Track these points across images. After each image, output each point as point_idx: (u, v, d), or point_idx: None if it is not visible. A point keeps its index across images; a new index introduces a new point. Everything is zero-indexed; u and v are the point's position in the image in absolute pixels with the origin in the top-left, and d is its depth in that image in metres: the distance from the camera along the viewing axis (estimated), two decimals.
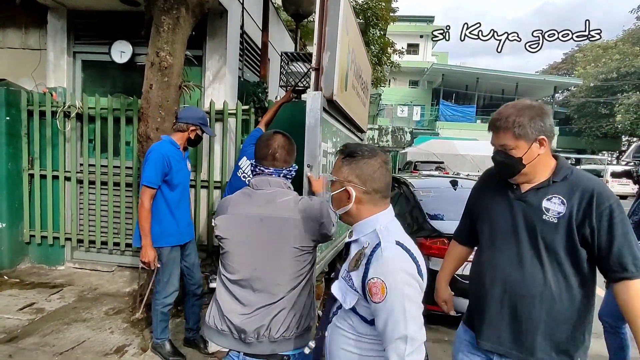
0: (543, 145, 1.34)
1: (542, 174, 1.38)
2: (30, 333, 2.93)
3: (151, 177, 2.45)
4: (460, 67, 26.93)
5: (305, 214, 1.47)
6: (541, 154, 1.34)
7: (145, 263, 2.48)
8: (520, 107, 1.35)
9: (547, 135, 1.33)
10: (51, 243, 4.23)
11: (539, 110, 1.34)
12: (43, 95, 4.07)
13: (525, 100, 1.40)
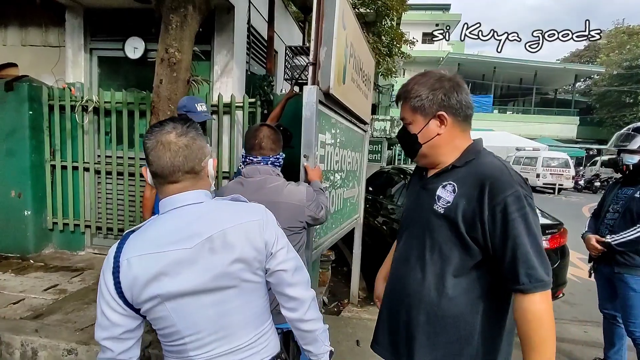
0: (443, 123, 1.13)
1: (448, 158, 1.16)
2: (54, 311, 3.18)
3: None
4: (477, 57, 26.45)
5: (291, 198, 1.62)
6: (441, 133, 1.13)
7: None
8: (426, 77, 1.16)
9: (450, 112, 1.12)
10: (72, 230, 4.50)
11: (446, 83, 1.13)
12: (62, 91, 4.30)
13: (440, 70, 1.18)
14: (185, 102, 2.85)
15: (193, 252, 0.95)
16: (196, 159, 1.02)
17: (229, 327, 1.02)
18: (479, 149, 1.16)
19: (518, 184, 1.03)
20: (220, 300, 0.99)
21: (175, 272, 0.95)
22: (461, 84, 1.15)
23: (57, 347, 2.73)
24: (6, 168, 4.24)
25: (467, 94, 1.15)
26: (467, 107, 1.15)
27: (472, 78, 27.56)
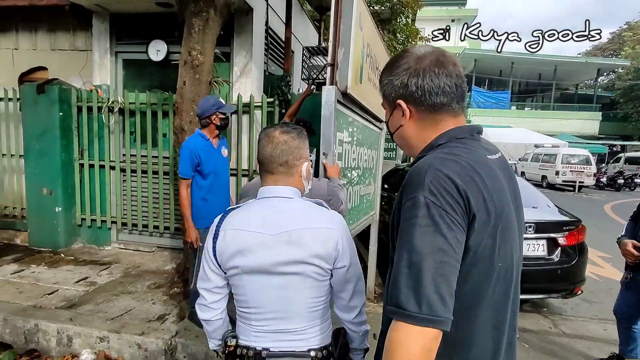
0: (404, 114, 0.96)
1: (418, 152, 1.00)
2: (86, 302, 3.37)
3: (183, 169, 2.84)
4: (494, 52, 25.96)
5: (314, 193, 1.71)
6: (403, 124, 0.98)
7: (190, 242, 2.83)
8: (393, 59, 1.00)
9: (409, 100, 0.95)
10: (99, 226, 4.71)
11: (412, 65, 0.94)
12: (90, 93, 4.50)
13: (425, 47, 0.99)
14: (213, 101, 2.97)
15: (272, 239, 1.14)
16: (291, 155, 1.21)
17: (287, 310, 1.18)
18: (438, 142, 0.94)
19: (426, 189, 0.81)
20: (284, 286, 1.16)
21: (254, 251, 1.15)
22: (431, 65, 0.92)
23: (91, 334, 2.90)
24: (39, 167, 4.47)
25: (437, 77, 0.91)
26: (434, 93, 0.92)
27: (489, 74, 27.11)
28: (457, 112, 0.96)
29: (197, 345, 2.79)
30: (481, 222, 0.82)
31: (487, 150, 0.94)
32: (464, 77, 0.96)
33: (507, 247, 0.87)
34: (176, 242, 4.60)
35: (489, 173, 0.86)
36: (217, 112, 2.95)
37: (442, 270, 0.77)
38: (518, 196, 0.98)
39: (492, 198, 0.84)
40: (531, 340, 3.29)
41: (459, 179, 0.81)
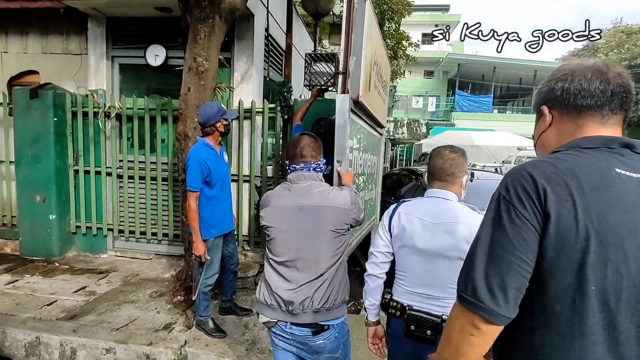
0: (546, 119, 1.00)
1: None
2: (88, 312, 3.29)
3: (192, 182, 2.77)
4: (477, 57, 26.59)
5: (337, 202, 1.73)
6: (544, 130, 1.00)
7: (198, 256, 2.78)
8: (557, 68, 1.04)
9: (553, 104, 0.97)
10: (95, 233, 4.61)
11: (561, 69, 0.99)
12: (85, 97, 4.41)
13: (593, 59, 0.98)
14: (217, 107, 2.94)
15: (432, 226, 1.58)
16: (457, 169, 1.63)
17: (432, 281, 1.59)
18: (557, 149, 0.93)
19: (503, 186, 0.86)
20: (434, 263, 1.58)
21: (419, 233, 1.60)
22: (586, 71, 0.91)
23: (96, 346, 2.84)
24: (32, 174, 4.35)
25: (589, 81, 0.90)
26: (580, 96, 0.91)
27: (472, 78, 27.69)
28: (608, 120, 0.90)
29: (207, 354, 2.77)
30: (562, 228, 0.77)
31: (630, 167, 0.82)
32: (629, 88, 0.90)
33: (609, 273, 0.76)
34: (174, 249, 4.54)
35: (602, 184, 0.79)
36: (221, 119, 2.93)
37: (496, 262, 0.80)
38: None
39: (589, 209, 0.76)
40: None
41: (542, 177, 0.80)
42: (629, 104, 0.90)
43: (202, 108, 2.93)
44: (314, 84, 3.85)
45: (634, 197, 0.78)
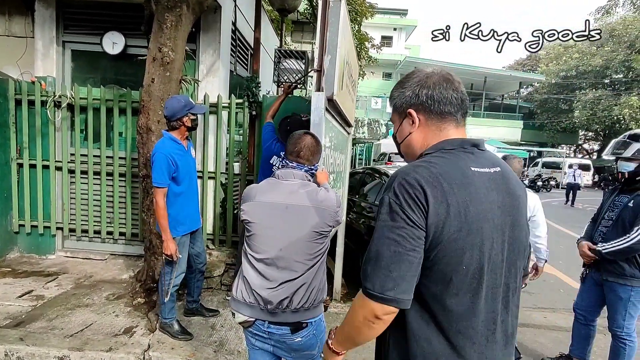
0: (413, 122, 1.07)
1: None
2: (36, 318, 3.03)
3: (159, 178, 2.63)
4: (432, 61, 27.68)
5: (325, 203, 1.72)
6: (412, 132, 1.08)
7: (168, 255, 2.65)
8: (408, 74, 1.13)
9: (419, 109, 1.06)
10: (41, 232, 4.25)
11: (417, 76, 1.08)
12: (32, 85, 4.04)
13: (432, 68, 1.11)
14: (184, 101, 2.81)
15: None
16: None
17: None
18: (426, 152, 1.05)
19: (391, 191, 0.95)
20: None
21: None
22: (440, 80, 1.05)
23: (47, 355, 2.62)
24: None
25: (445, 90, 1.04)
26: (442, 103, 1.04)
27: None
28: (460, 123, 1.07)
29: (173, 358, 2.66)
30: (442, 224, 0.91)
31: (479, 164, 1.01)
32: (466, 95, 1.09)
33: (474, 254, 0.94)
34: (132, 249, 4.30)
35: (464, 182, 0.95)
36: (188, 113, 2.81)
37: (395, 258, 0.92)
38: (514, 212, 1.03)
39: (459, 204, 0.92)
40: None
41: (423, 181, 0.93)
42: (468, 108, 1.10)
43: (169, 101, 2.79)
44: (284, 81, 3.82)
45: (484, 189, 0.98)
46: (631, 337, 2.55)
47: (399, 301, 0.93)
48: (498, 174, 1.02)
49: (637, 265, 2.43)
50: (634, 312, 2.51)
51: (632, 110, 22.30)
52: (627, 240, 2.37)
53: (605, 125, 25.27)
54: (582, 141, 33.16)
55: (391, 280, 0.92)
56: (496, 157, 1.09)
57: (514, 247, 1.03)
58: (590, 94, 25.76)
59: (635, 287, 2.45)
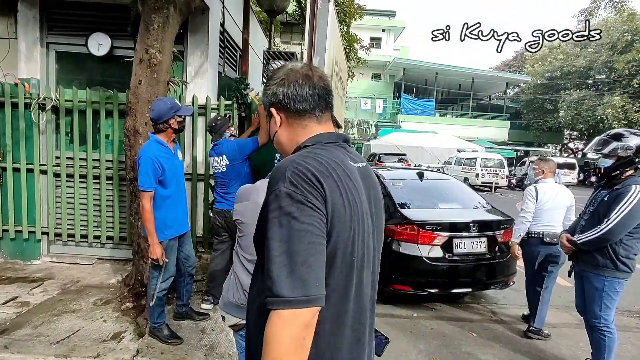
0: (276, 120, 1.06)
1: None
2: (21, 325, 2.97)
3: (145, 181, 2.61)
4: (420, 62, 27.93)
5: None
6: (277, 130, 1.08)
7: (155, 259, 2.62)
8: (275, 70, 1.11)
9: (279, 107, 1.04)
10: (26, 237, 4.16)
11: (278, 74, 1.06)
12: (15, 87, 3.96)
13: (300, 63, 1.10)
14: (171, 103, 2.78)
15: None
16: None
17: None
18: (305, 144, 1.02)
19: (287, 181, 0.86)
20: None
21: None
22: (297, 78, 1.02)
23: None
24: None
25: (301, 87, 1.01)
26: (297, 100, 1.01)
27: (416, 83, 29.08)
28: (321, 119, 1.05)
29: None
30: (337, 213, 0.89)
31: (351, 158, 1.03)
32: (329, 90, 1.06)
33: (359, 244, 0.95)
34: (120, 253, 4.24)
35: (347, 173, 0.95)
36: (175, 115, 2.79)
37: (312, 250, 0.83)
38: (378, 204, 1.08)
39: (347, 194, 0.92)
40: (477, 329, 3.63)
41: (316, 171, 0.89)
42: (331, 102, 1.08)
43: (155, 103, 2.76)
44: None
45: (360, 181, 1.01)
46: (609, 328, 2.63)
47: (323, 298, 0.83)
48: (365, 169, 1.07)
49: (609, 256, 2.55)
50: (610, 302, 2.61)
51: (614, 110, 22.79)
52: (598, 231, 2.52)
53: (590, 124, 25.76)
54: (568, 140, 33.77)
55: (314, 275, 0.82)
56: (359, 154, 1.16)
57: (379, 236, 1.10)
58: (574, 94, 26.24)
59: (609, 277, 2.57)
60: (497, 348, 3.26)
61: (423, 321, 3.70)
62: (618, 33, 23.41)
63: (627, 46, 23.04)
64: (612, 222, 2.46)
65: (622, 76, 23.27)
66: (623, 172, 2.55)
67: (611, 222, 2.47)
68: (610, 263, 2.55)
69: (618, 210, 2.46)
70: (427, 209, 4.30)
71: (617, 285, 2.58)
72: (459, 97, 32.16)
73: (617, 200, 2.50)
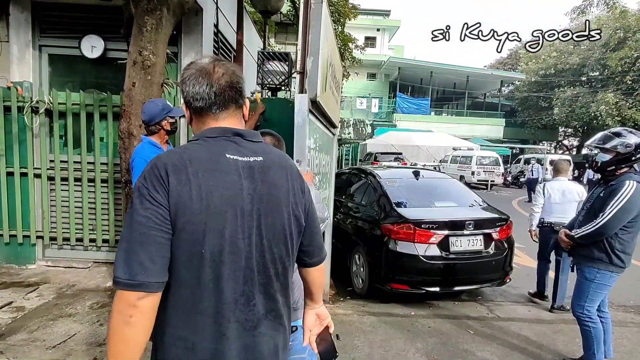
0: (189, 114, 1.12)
1: None
2: (16, 330, 2.94)
3: None
4: (415, 61, 28.00)
5: None
6: (191, 125, 1.14)
7: None
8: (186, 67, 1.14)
9: (187, 104, 1.09)
10: (20, 242, 4.13)
11: (186, 71, 1.09)
12: (7, 90, 3.93)
13: (205, 59, 1.10)
14: (162, 104, 2.76)
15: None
16: None
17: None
18: (191, 139, 1.08)
19: (142, 175, 0.97)
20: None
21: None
22: (196, 75, 1.05)
23: None
24: None
25: (199, 85, 1.03)
26: (195, 99, 1.05)
27: (411, 82, 29.16)
28: (219, 116, 1.07)
29: None
30: (183, 206, 0.94)
31: (240, 152, 1.04)
32: (233, 85, 1.06)
33: (215, 238, 0.97)
34: None
35: (213, 167, 0.98)
36: (167, 117, 2.77)
37: (142, 239, 0.91)
38: (270, 201, 1.05)
39: (201, 188, 0.95)
40: (474, 326, 3.65)
41: (169, 166, 0.95)
42: (236, 96, 1.08)
43: (146, 105, 2.74)
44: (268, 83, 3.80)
45: (236, 176, 1.00)
46: (592, 319, 2.71)
47: (148, 285, 0.90)
48: (258, 163, 1.05)
49: (605, 249, 2.60)
50: (596, 296, 2.69)
51: (608, 107, 22.95)
52: (593, 225, 2.59)
53: (584, 121, 25.93)
54: (562, 138, 33.98)
55: (138, 263, 0.90)
56: (265, 148, 1.12)
57: (269, 233, 1.05)
58: (568, 91, 26.39)
59: (602, 269, 2.63)
60: (494, 345, 3.27)
61: (421, 319, 3.71)
62: (610, 30, 23.55)
63: (619, 43, 23.19)
64: (607, 216, 2.53)
65: (615, 73, 23.44)
66: (618, 169, 2.61)
67: (606, 217, 2.53)
68: (606, 256, 2.60)
69: (612, 204, 2.52)
70: (424, 208, 4.31)
71: (608, 279, 2.64)
72: (454, 96, 32.27)
73: (611, 195, 2.56)
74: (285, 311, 1.14)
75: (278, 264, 1.09)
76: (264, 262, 1.05)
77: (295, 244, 1.14)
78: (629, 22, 22.91)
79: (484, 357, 3.08)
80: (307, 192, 1.19)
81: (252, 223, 1.01)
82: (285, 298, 1.14)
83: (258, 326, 1.05)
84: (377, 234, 4.09)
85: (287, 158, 1.18)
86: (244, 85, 1.11)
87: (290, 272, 1.16)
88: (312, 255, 1.25)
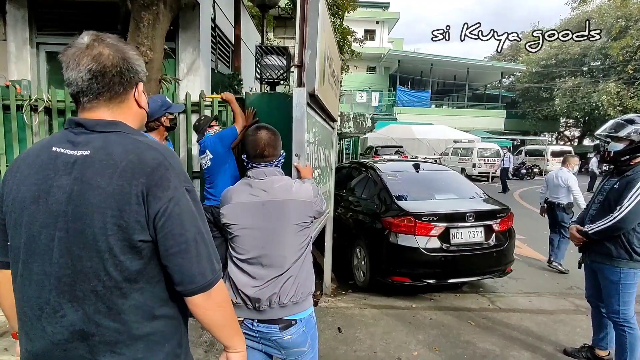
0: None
1: None
2: None
3: None
4: (415, 54, 27.86)
5: (300, 195, 1.73)
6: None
7: None
8: None
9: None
10: None
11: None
12: (6, 89, 3.92)
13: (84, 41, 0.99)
14: (160, 101, 2.77)
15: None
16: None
17: None
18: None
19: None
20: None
21: None
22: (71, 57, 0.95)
23: None
24: None
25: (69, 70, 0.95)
26: (68, 85, 0.96)
27: (411, 74, 29.02)
28: (86, 105, 0.96)
29: None
30: (5, 198, 0.97)
31: (69, 145, 0.93)
32: (98, 73, 0.94)
33: (21, 233, 0.94)
34: None
35: (30, 162, 0.95)
36: (166, 113, 2.77)
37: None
38: (83, 201, 0.89)
39: (15, 181, 0.96)
40: (475, 318, 3.67)
41: (16, 160, 1.01)
42: (104, 87, 0.95)
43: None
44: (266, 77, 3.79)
45: (52, 171, 0.92)
46: (629, 324, 2.49)
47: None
48: (82, 159, 0.91)
49: (623, 246, 2.42)
50: (628, 296, 2.47)
51: (609, 97, 22.83)
52: (610, 220, 2.39)
53: (585, 112, 25.81)
54: (564, 128, 33.87)
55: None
56: (105, 140, 0.94)
57: (80, 242, 0.90)
58: (569, 81, 26.25)
59: (624, 269, 2.44)
60: (495, 336, 3.29)
61: (422, 311, 3.73)
62: (612, 19, 23.36)
63: (621, 32, 23.00)
64: (625, 209, 2.34)
65: (617, 62, 23.27)
66: (633, 158, 2.44)
67: (624, 210, 2.34)
68: (625, 253, 2.41)
69: (631, 197, 2.33)
70: (424, 201, 4.31)
71: (633, 276, 2.44)
72: (454, 88, 32.12)
73: (628, 187, 2.38)
74: (126, 338, 0.93)
75: (95, 281, 0.90)
76: (76, 274, 0.90)
77: (123, 260, 0.90)
78: (630, 11, 22.70)
79: (485, 348, 3.10)
80: (159, 200, 0.91)
81: (60, 226, 0.89)
82: (123, 324, 0.92)
83: (70, 346, 0.91)
84: (377, 227, 4.09)
85: (135, 154, 0.93)
86: (132, 66, 1.00)
87: (131, 295, 0.93)
88: (177, 282, 0.96)
